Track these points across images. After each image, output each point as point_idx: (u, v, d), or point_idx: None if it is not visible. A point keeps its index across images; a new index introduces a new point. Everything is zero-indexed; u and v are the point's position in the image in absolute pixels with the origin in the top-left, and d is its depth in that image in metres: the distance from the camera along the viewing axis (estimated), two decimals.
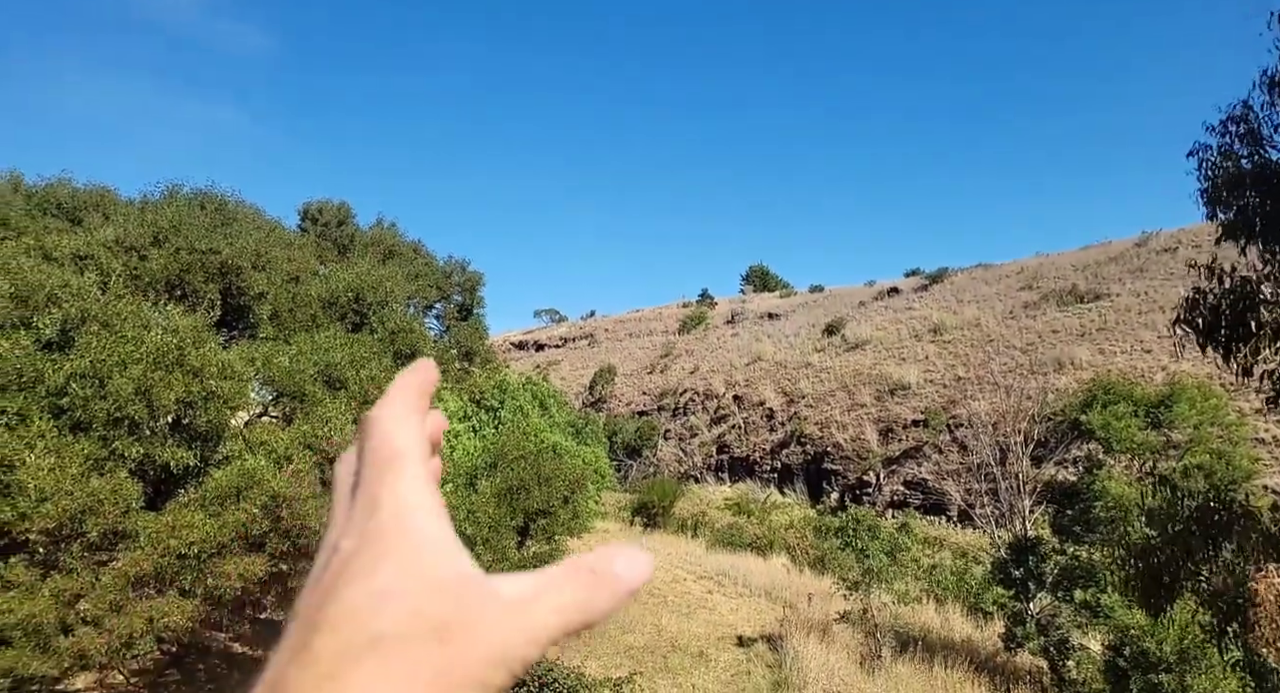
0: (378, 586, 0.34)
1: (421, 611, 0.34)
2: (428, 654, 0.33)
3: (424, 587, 0.35)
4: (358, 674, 0.32)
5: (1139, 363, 32.51)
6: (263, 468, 7.52)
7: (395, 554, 0.36)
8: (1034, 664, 13.73)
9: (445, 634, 0.33)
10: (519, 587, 0.36)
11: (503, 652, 0.34)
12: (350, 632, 0.33)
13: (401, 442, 0.40)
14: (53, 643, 6.35)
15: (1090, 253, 48.19)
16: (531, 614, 0.35)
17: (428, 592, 0.35)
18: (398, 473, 0.39)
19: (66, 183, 11.42)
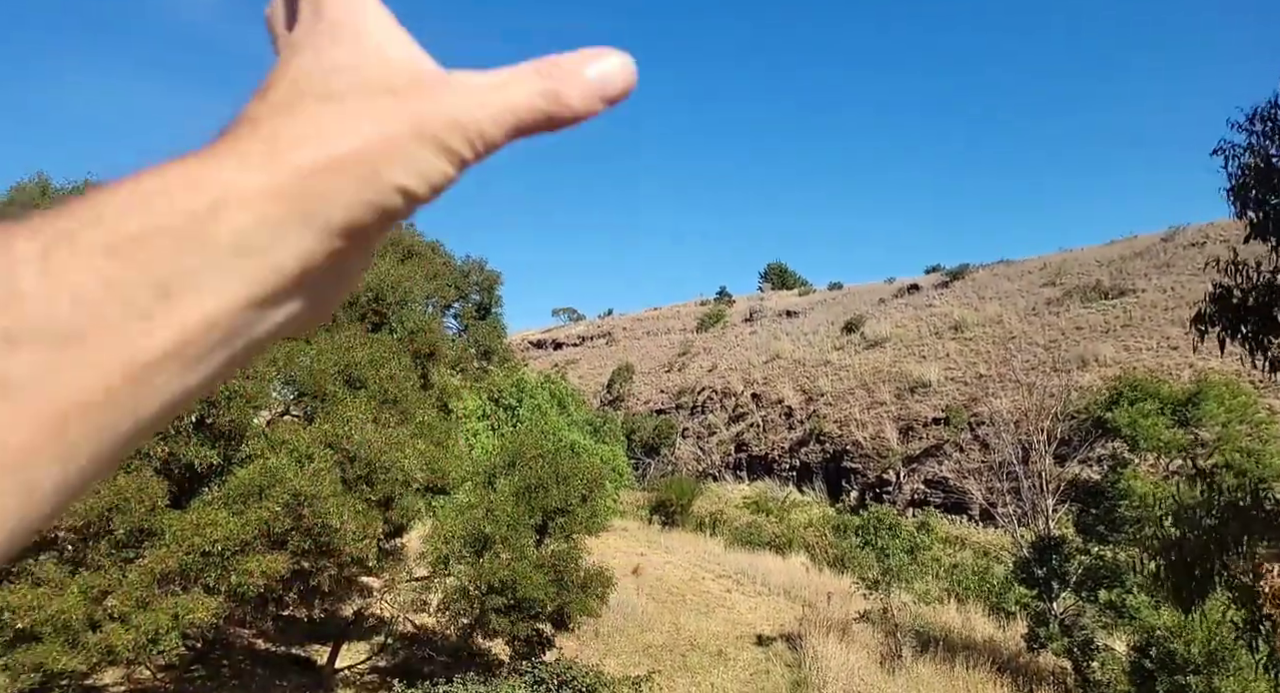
0: (330, 61, 0.35)
1: (377, 76, 0.34)
2: (379, 100, 0.33)
3: (381, 64, 0.35)
4: (311, 106, 0.33)
5: (1165, 360, 32.05)
6: (284, 467, 7.59)
7: (349, 41, 0.36)
8: (1057, 665, 13.58)
9: (401, 91, 0.34)
10: (485, 76, 0.36)
11: (459, 114, 0.34)
12: (303, 87, 0.34)
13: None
14: (81, 639, 6.46)
15: (1115, 248, 47.54)
16: (494, 94, 0.35)
17: (384, 67, 0.35)
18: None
19: (91, 184, 11.60)
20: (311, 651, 11.68)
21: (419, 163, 0.33)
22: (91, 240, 0.29)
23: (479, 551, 9.89)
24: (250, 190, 0.31)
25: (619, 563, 18.24)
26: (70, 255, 0.28)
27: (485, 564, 9.64)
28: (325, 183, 0.32)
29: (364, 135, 0.33)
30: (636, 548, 22.49)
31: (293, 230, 0.31)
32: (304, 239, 0.31)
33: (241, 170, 0.31)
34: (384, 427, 8.81)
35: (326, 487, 7.70)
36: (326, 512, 7.58)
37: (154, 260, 0.29)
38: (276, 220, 0.31)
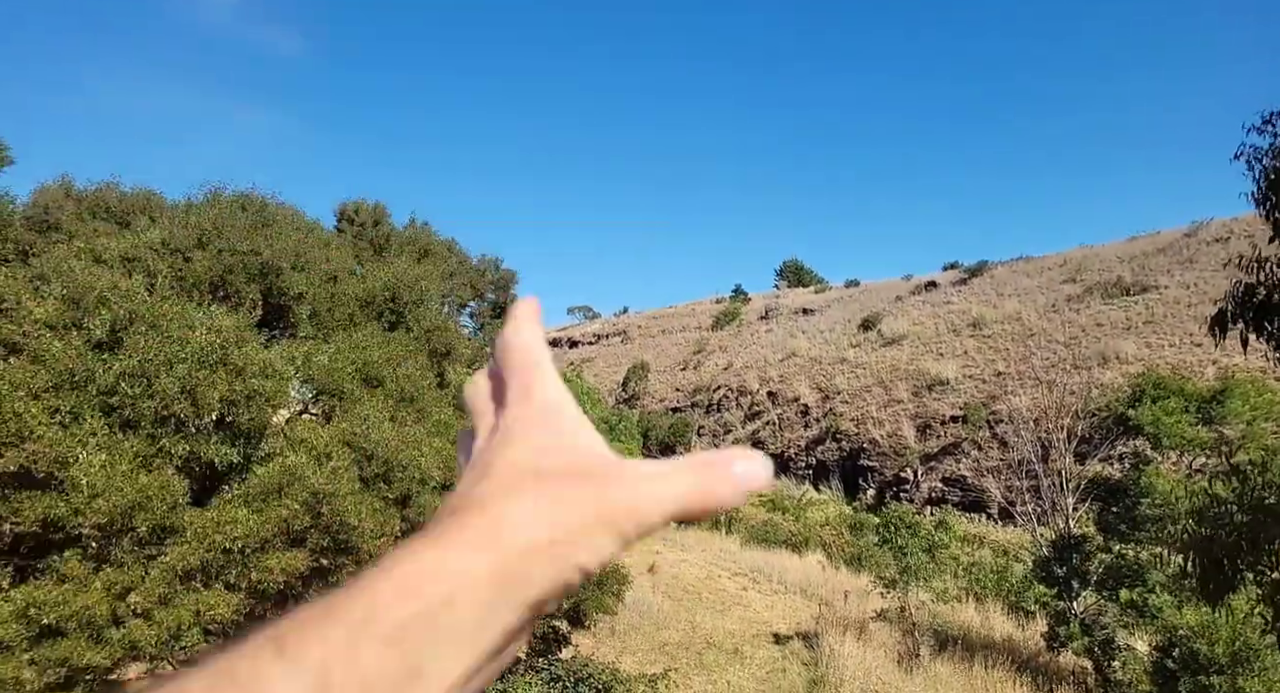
0: (540, 443, 0.42)
1: (576, 461, 0.41)
2: (581, 486, 0.39)
3: (576, 448, 0.43)
4: (526, 488, 0.39)
5: (1188, 357, 31.64)
6: (303, 465, 7.65)
7: (553, 427, 0.44)
8: (1078, 665, 13.45)
9: (595, 479, 0.40)
10: (652, 466, 0.41)
11: (634, 505, 0.39)
12: (520, 467, 0.41)
13: (539, 355, 0.48)
14: (105, 634, 6.55)
15: (1137, 244, 46.97)
16: (660, 485, 0.40)
17: (579, 452, 0.42)
18: (545, 374, 0.47)
19: (114, 187, 11.76)
20: None
21: (600, 547, 0.39)
22: (375, 632, 0.34)
23: None
24: (480, 576, 0.36)
25: (634, 561, 18.27)
26: (365, 647, 0.33)
27: None
28: (532, 565, 0.37)
29: (564, 521, 0.38)
30: (652, 546, 22.50)
31: (505, 608, 0.36)
32: (510, 614, 0.36)
33: (474, 553, 0.36)
34: (401, 425, 8.86)
35: (344, 485, 7.76)
36: (344, 510, 7.64)
37: (413, 647, 0.34)
38: (496, 601, 0.36)
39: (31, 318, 6.88)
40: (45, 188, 11.18)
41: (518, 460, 0.41)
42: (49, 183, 11.37)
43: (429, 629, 0.34)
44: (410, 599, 0.35)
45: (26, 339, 6.78)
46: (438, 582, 0.35)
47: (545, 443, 0.42)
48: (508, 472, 0.40)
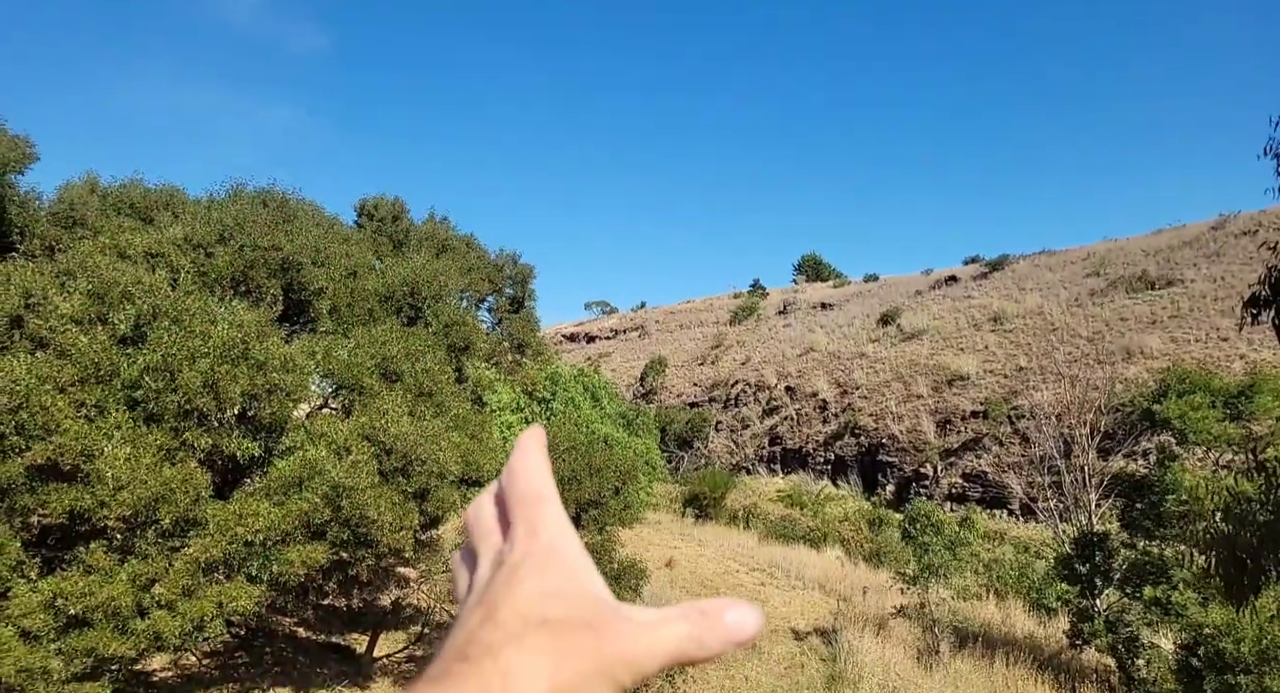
0: (545, 586, 0.43)
1: (579, 609, 0.42)
2: (582, 638, 0.41)
3: (580, 594, 0.44)
4: (534, 639, 0.41)
5: (1215, 352, 31.15)
6: (323, 459, 7.71)
7: (558, 568, 0.45)
8: (1100, 663, 13.31)
9: (595, 630, 0.41)
10: (647, 614, 0.44)
11: (632, 657, 0.41)
12: (527, 613, 0.42)
13: (545, 488, 0.50)
14: (130, 625, 6.64)
15: (1162, 237, 46.28)
16: (655, 635, 0.42)
17: (583, 599, 0.43)
18: (550, 510, 0.48)
19: (139, 183, 11.89)
20: (350, 639, 11.89)
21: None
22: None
23: None
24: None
25: (652, 556, 18.28)
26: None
27: None
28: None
29: (564, 674, 0.40)
30: (670, 541, 22.51)
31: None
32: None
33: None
34: (420, 419, 8.91)
35: (364, 479, 7.81)
36: (364, 503, 7.70)
37: None
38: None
39: (58, 313, 6.97)
40: (71, 184, 11.32)
41: (524, 606, 0.43)
42: (74, 180, 11.52)
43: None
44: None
45: (53, 334, 6.88)
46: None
47: (551, 587, 0.44)
48: (515, 618, 0.42)
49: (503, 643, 0.40)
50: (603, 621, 0.42)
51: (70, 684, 6.44)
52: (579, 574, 0.45)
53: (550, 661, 0.40)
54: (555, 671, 0.39)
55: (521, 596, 0.43)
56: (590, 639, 0.41)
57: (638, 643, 0.42)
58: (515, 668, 0.39)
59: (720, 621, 0.43)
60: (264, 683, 9.37)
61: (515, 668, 0.39)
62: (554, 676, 0.39)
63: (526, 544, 0.46)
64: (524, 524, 0.47)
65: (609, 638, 0.41)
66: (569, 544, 0.47)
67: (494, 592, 0.44)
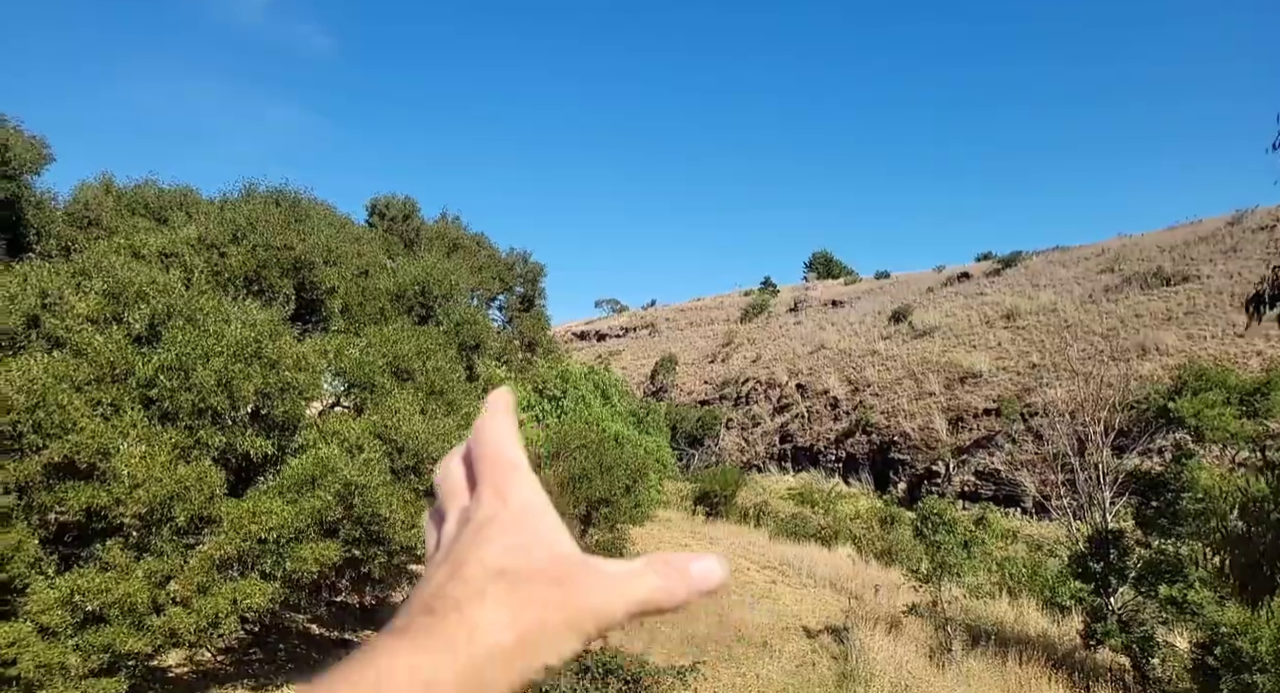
0: (512, 543, 0.44)
1: (544, 565, 0.43)
2: (543, 590, 0.42)
3: (547, 551, 0.44)
4: (496, 591, 0.41)
5: (1231, 348, 30.87)
6: (336, 457, 7.76)
7: (527, 528, 0.46)
8: (1115, 662, 13.21)
9: (561, 583, 0.43)
10: (616, 566, 0.45)
11: (601, 607, 0.43)
12: (490, 567, 0.43)
13: (513, 451, 0.50)
14: (146, 621, 6.71)
15: (1178, 232, 45.82)
16: (625, 586, 0.44)
17: (550, 555, 0.44)
18: (520, 476, 0.49)
19: (153, 184, 12.01)
20: (364, 636, 11.95)
21: (563, 645, 0.42)
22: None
23: None
24: (451, 678, 0.39)
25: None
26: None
27: None
28: (500, 666, 0.40)
29: (526, 623, 0.41)
30: (680, 539, 22.50)
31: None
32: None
33: (447, 655, 0.39)
34: (431, 418, 8.95)
35: (376, 477, 7.86)
36: (376, 501, 7.75)
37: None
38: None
39: (74, 313, 7.05)
40: (86, 185, 11.43)
41: (490, 562, 0.43)
42: (89, 180, 11.64)
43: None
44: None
45: (70, 333, 6.95)
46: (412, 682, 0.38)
47: (518, 544, 0.44)
48: (480, 573, 0.43)
49: (469, 597, 0.41)
50: (569, 574, 0.43)
51: (87, 680, 6.52)
52: (547, 533, 0.46)
53: (515, 612, 0.41)
54: (519, 622, 0.41)
55: (488, 553, 0.44)
56: (557, 592, 0.42)
57: (607, 593, 0.43)
58: (481, 621, 0.40)
59: (687, 571, 0.45)
60: (278, 679, 9.43)
61: (481, 621, 0.40)
62: (516, 625, 0.41)
63: (494, 506, 0.47)
64: (491, 487, 0.48)
65: (576, 591, 0.42)
66: (537, 506, 0.47)
67: (460, 549, 0.45)
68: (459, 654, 0.39)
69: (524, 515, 0.46)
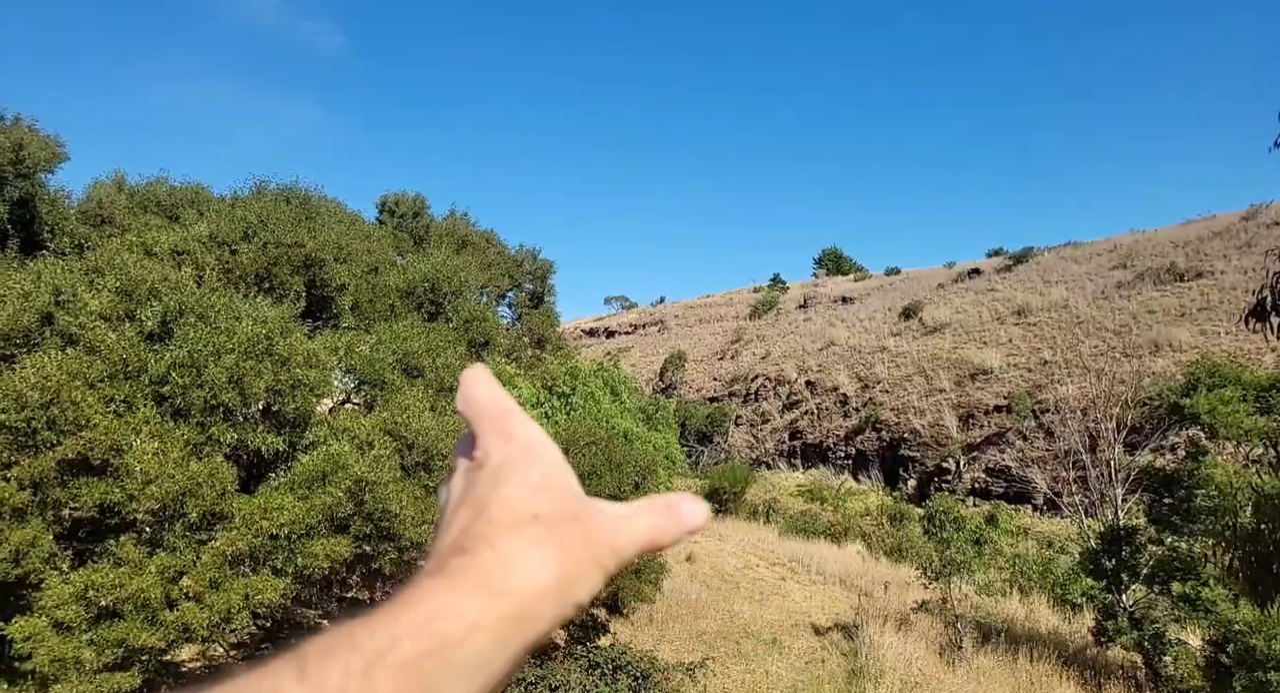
0: (532, 481, 0.46)
1: (564, 502, 0.46)
2: (571, 530, 0.44)
3: (563, 488, 0.47)
4: (530, 531, 0.43)
5: (1245, 344, 30.59)
6: (346, 453, 7.79)
7: (539, 464, 0.48)
8: (1127, 659, 13.15)
9: (580, 520, 0.45)
10: (619, 507, 0.48)
11: (614, 543, 0.46)
12: (517, 507, 0.44)
13: (505, 399, 0.52)
14: (159, 617, 6.75)
15: (1192, 228, 45.43)
16: (630, 523, 0.47)
17: (566, 492, 0.47)
18: (518, 417, 0.50)
19: (164, 181, 12.09)
20: None
21: (590, 582, 0.44)
22: (392, 663, 0.37)
23: None
24: (491, 617, 0.40)
25: (672, 550, 18.27)
26: (381, 676, 0.37)
27: None
28: (539, 605, 0.41)
29: (564, 563, 0.43)
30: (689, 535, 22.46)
31: (513, 644, 0.41)
32: (518, 648, 0.41)
33: (488, 597, 0.41)
34: (441, 414, 8.97)
35: (387, 473, 7.88)
36: (386, 497, 7.77)
37: (427, 679, 0.38)
38: (505, 640, 0.40)
39: (87, 310, 7.09)
40: (99, 183, 11.51)
41: (513, 500, 0.45)
42: (103, 178, 11.71)
43: (443, 664, 0.38)
44: (427, 636, 0.39)
45: (83, 331, 7.00)
46: (454, 621, 0.39)
47: (536, 481, 0.46)
48: (505, 511, 0.44)
49: (499, 533, 0.43)
50: (586, 513, 0.46)
51: (101, 674, 6.57)
52: (558, 469, 0.48)
53: (551, 551, 0.43)
54: (556, 559, 0.43)
55: (510, 491, 0.45)
56: (579, 530, 0.44)
57: (619, 533, 0.46)
58: (515, 555, 0.42)
59: (679, 511, 0.48)
60: None
61: (515, 555, 0.42)
62: (558, 562, 0.43)
63: (504, 448, 0.48)
64: (496, 433, 0.49)
65: (594, 529, 0.45)
66: (542, 441, 0.49)
67: (479, 491, 0.46)
68: (504, 593, 0.41)
69: (533, 452, 0.48)
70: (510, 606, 0.40)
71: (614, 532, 0.46)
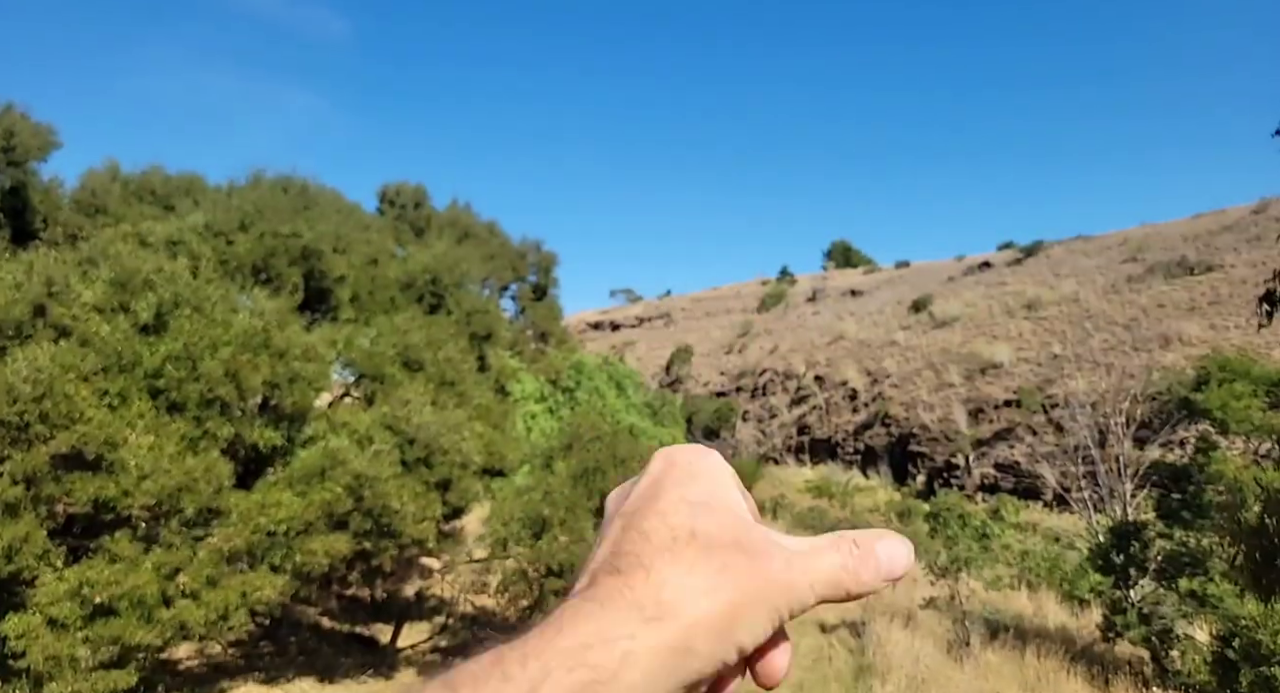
0: (690, 495, 0.41)
1: (729, 526, 0.40)
2: (735, 557, 0.38)
3: (728, 508, 0.41)
4: (687, 553, 0.38)
5: (1255, 338, 30.30)
6: (345, 448, 7.70)
7: (702, 479, 0.42)
8: (1134, 654, 13.02)
9: (750, 553, 0.39)
10: (797, 542, 0.41)
11: (788, 584, 0.39)
12: (675, 524, 0.39)
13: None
14: (155, 614, 6.67)
15: (1202, 221, 45.13)
16: (810, 564, 0.40)
17: (731, 514, 0.41)
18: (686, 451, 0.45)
19: (159, 170, 11.98)
20: (375, 629, 11.93)
21: (757, 626, 0.38)
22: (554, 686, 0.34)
23: (537, 533, 9.87)
24: (645, 646, 0.36)
25: None
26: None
27: (544, 547, 9.63)
28: (697, 639, 0.37)
29: (727, 597, 0.37)
30: None
31: (666, 680, 0.36)
32: (668, 687, 0.36)
33: (644, 624, 0.36)
34: (442, 409, 8.86)
35: (386, 469, 7.79)
36: (386, 493, 7.67)
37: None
38: (660, 673, 0.36)
39: (81, 301, 6.99)
40: (93, 172, 11.40)
41: (671, 516, 0.40)
42: (96, 167, 11.61)
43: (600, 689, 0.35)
44: (580, 668, 0.35)
45: (76, 322, 6.90)
46: (608, 650, 0.36)
47: (697, 496, 0.41)
48: (662, 528, 0.39)
49: (654, 554, 0.38)
50: (754, 543, 0.40)
51: (97, 672, 6.49)
52: (723, 486, 0.42)
53: (713, 580, 0.37)
54: (719, 591, 0.37)
55: (666, 504, 0.40)
56: (746, 561, 0.38)
57: (793, 571, 0.39)
58: (671, 581, 0.37)
59: (873, 552, 0.41)
60: (289, 673, 9.41)
61: (671, 581, 0.37)
62: (719, 596, 0.37)
63: (664, 465, 0.43)
64: (659, 457, 0.44)
65: (767, 563, 0.39)
66: (710, 461, 0.44)
67: (635, 503, 0.41)
68: (661, 620, 0.36)
69: (697, 468, 0.43)
70: (666, 636, 0.36)
71: (789, 570, 0.39)
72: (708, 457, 0.44)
